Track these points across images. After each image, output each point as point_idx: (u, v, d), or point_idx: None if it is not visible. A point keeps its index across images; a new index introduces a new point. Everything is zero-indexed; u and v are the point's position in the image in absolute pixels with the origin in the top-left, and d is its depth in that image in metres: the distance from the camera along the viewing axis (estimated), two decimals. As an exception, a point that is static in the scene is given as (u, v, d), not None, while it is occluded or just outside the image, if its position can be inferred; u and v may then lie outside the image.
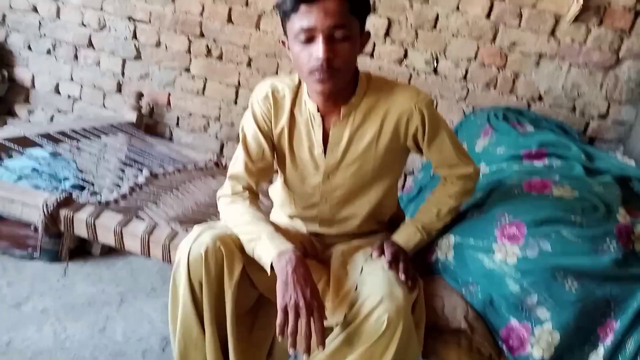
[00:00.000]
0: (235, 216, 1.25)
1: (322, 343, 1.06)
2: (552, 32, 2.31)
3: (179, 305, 1.18)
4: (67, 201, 1.60)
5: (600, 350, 1.18)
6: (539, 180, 1.47)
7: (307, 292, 1.07)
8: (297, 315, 1.06)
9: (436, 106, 2.50)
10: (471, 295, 1.29)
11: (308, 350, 1.05)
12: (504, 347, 1.23)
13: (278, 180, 1.44)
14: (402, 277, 1.17)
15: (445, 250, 1.38)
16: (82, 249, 2.27)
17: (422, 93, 1.27)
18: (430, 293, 1.30)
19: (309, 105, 1.28)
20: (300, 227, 1.41)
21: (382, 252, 1.24)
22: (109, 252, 2.30)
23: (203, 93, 2.74)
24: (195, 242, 1.16)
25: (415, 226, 1.35)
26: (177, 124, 2.81)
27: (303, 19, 1.11)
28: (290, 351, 1.06)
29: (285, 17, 1.16)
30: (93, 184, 2.07)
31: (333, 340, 1.12)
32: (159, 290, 2.10)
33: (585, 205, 1.38)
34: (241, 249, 1.20)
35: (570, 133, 2.05)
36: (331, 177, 1.32)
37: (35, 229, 2.03)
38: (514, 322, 1.22)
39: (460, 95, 2.46)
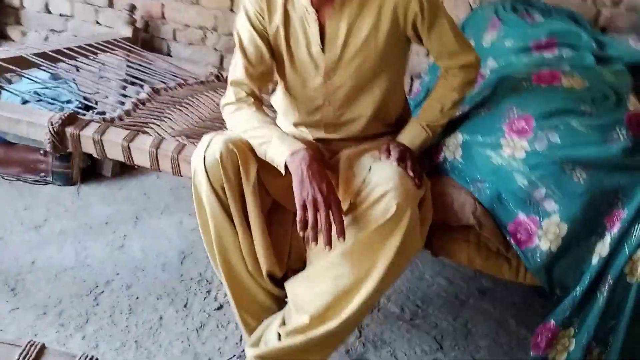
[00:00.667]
0: (242, 122, 1.24)
1: (342, 234, 1.08)
2: None
3: (206, 213, 1.21)
4: (71, 119, 1.58)
5: (607, 239, 1.19)
6: (548, 72, 1.43)
7: (323, 186, 1.09)
8: (315, 210, 1.08)
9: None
10: (479, 192, 1.30)
11: (329, 242, 1.08)
12: (512, 241, 1.26)
13: (279, 88, 1.41)
14: (410, 174, 1.17)
15: (453, 149, 1.38)
16: (93, 171, 2.30)
17: None
18: (439, 192, 1.31)
19: None
20: (306, 134, 1.41)
21: (389, 154, 1.24)
22: (120, 173, 2.33)
23: (197, 2, 2.63)
24: (208, 149, 1.17)
25: (420, 125, 1.33)
26: (174, 37, 2.73)
27: None
28: (313, 245, 1.10)
29: None
30: (96, 104, 2.06)
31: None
32: (173, 208, 2.14)
33: (595, 95, 1.35)
34: (253, 151, 1.21)
35: (581, 22, 1.96)
36: (332, 77, 1.29)
37: (45, 153, 2.05)
38: (521, 216, 1.24)
39: (466, -12, 2.35)
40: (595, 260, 1.21)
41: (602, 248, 1.20)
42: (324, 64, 1.27)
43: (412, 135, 1.32)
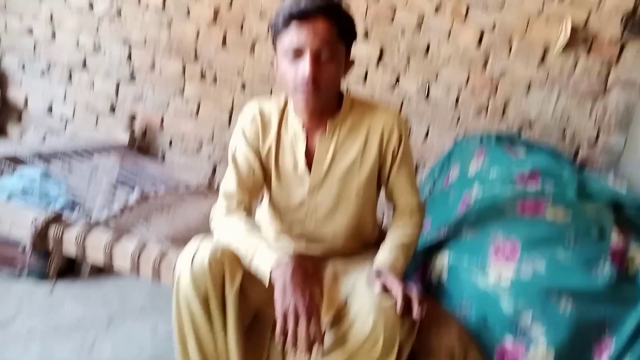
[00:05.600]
0: (230, 231, 1.25)
1: (321, 343, 1.06)
2: (542, 61, 2.36)
3: (184, 320, 1.17)
4: (56, 219, 1.58)
5: (595, 370, 1.16)
6: (533, 202, 1.48)
7: (305, 295, 1.08)
8: (296, 320, 1.06)
9: (427, 132, 2.52)
10: (465, 315, 1.28)
11: (309, 351, 1.05)
12: (499, 369, 1.22)
13: (264, 201, 1.45)
14: (418, 315, 1.10)
15: (439, 271, 1.38)
16: (70, 269, 2.23)
17: (400, 114, 1.35)
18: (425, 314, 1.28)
19: (294, 122, 1.31)
20: (288, 246, 1.41)
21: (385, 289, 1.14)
22: (98, 272, 2.26)
23: (197, 115, 2.74)
24: (196, 256, 1.16)
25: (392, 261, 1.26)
26: (170, 145, 2.81)
27: (293, 37, 1.17)
28: (292, 356, 1.10)
29: (276, 33, 1.21)
30: (84, 204, 2.06)
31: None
32: (149, 311, 2.05)
33: (578, 228, 1.38)
34: (239, 260, 1.20)
35: (562, 158, 2.06)
36: (316, 193, 1.33)
37: (24, 250, 2.00)
38: (508, 342, 1.21)
39: (451, 121, 2.49)
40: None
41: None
42: (309, 182, 1.33)
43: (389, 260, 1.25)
